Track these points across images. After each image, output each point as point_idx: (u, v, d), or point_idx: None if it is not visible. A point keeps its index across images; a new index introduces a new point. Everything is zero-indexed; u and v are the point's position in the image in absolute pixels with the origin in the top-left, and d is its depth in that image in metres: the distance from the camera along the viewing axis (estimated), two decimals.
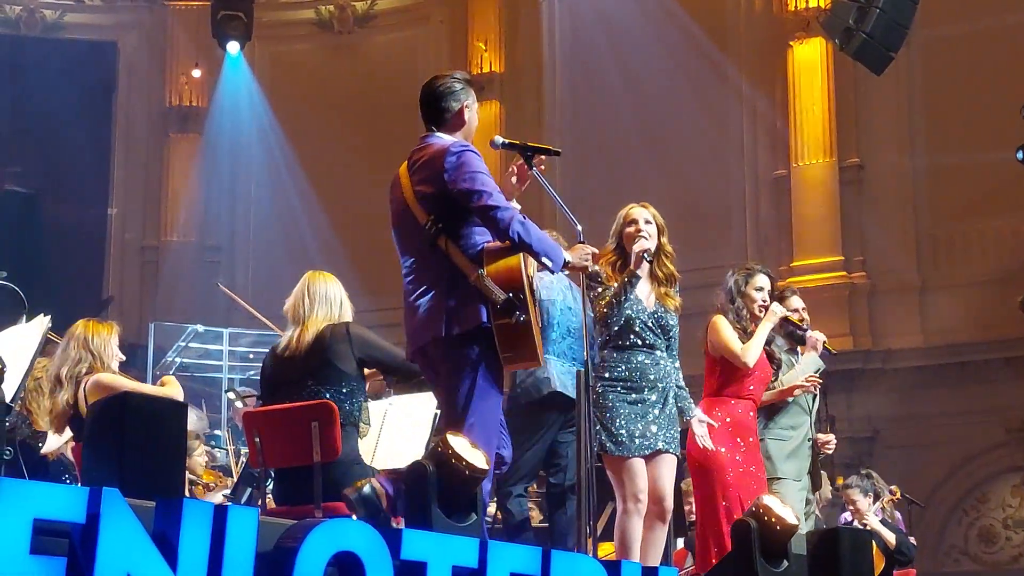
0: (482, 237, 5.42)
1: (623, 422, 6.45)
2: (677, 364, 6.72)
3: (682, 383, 6.76)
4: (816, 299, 16.43)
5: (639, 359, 6.57)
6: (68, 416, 6.61)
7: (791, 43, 17.84)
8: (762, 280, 7.34)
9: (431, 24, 20.43)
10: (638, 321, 6.56)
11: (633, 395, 6.50)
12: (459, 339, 5.33)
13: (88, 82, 20.12)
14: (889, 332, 16.99)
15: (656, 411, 6.54)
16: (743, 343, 7.14)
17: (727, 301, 7.27)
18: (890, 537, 10.44)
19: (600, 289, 6.54)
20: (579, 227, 5.79)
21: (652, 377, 6.57)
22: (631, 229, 6.64)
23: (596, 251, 5.88)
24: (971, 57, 16.82)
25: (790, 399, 7.64)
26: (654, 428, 6.51)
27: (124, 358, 7.02)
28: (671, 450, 6.59)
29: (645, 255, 6.52)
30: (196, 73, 20.19)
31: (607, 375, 6.54)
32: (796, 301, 7.70)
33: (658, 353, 6.62)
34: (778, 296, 7.67)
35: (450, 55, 19.86)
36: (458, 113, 5.65)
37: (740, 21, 18.36)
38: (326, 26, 20.68)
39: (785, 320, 7.48)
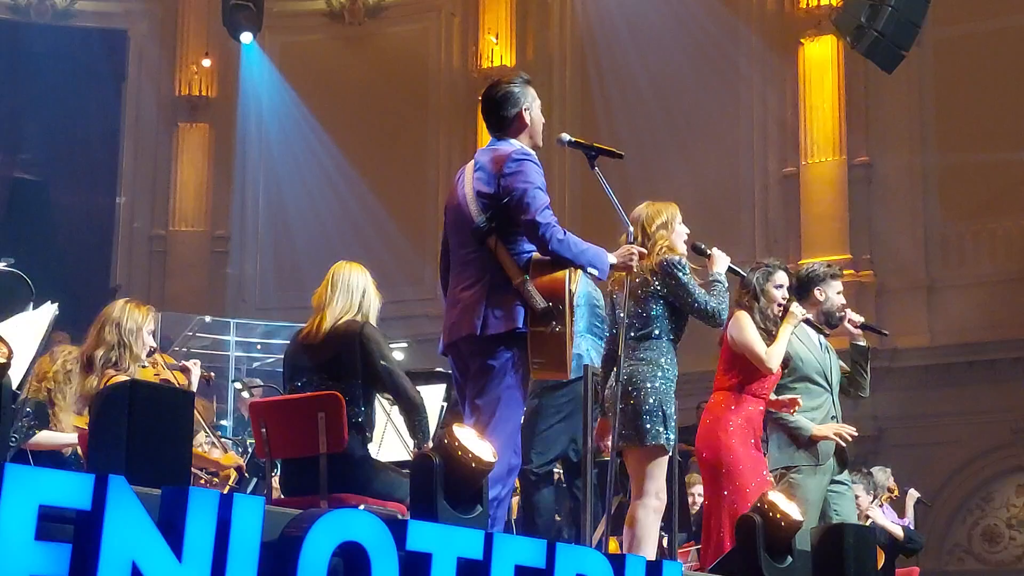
0: (531, 245, 5.44)
1: (675, 417, 6.46)
2: None
3: None
4: None
5: (675, 354, 6.61)
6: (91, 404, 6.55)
7: (802, 40, 17.83)
8: (781, 277, 7.27)
9: (442, 17, 20.42)
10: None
11: (672, 390, 6.50)
12: (493, 340, 5.35)
13: (98, 70, 20.15)
14: (896, 331, 16.93)
15: None
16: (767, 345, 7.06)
17: (751, 298, 7.19)
18: (895, 530, 10.49)
19: (685, 280, 6.49)
20: (631, 228, 5.90)
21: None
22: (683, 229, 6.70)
23: (644, 251, 5.91)
24: (982, 56, 16.80)
25: (809, 384, 7.47)
26: None
27: (156, 346, 6.94)
28: None
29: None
30: (206, 62, 20.20)
31: (662, 364, 6.48)
32: (781, 277, 7.43)
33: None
34: (767, 273, 7.49)
35: (461, 48, 19.87)
36: (518, 117, 5.65)
37: (752, 18, 18.35)
38: (337, 17, 20.68)
39: (806, 322, 7.40)
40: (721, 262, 6.70)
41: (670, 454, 6.43)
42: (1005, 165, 15.65)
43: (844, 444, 7.46)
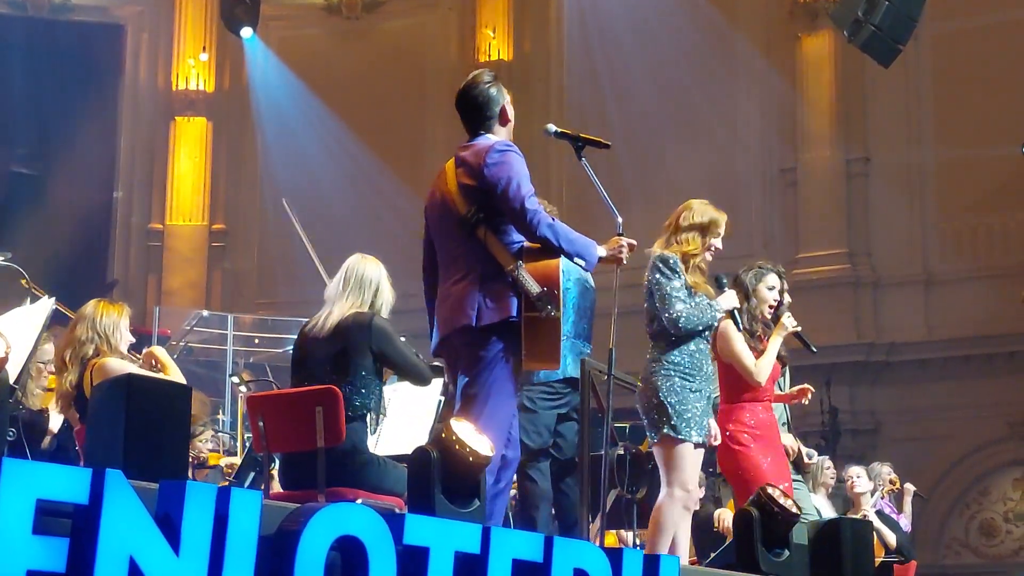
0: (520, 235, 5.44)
1: (690, 407, 6.43)
2: None
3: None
4: (821, 291, 16.45)
5: (700, 345, 6.57)
6: (72, 398, 6.57)
7: (800, 35, 17.82)
8: (773, 279, 7.24)
9: (440, 11, 20.39)
10: None
11: (693, 383, 6.48)
12: (487, 330, 5.34)
13: (95, 64, 20.13)
14: (893, 325, 16.99)
15: (706, 404, 6.56)
16: (754, 355, 7.04)
17: (742, 298, 7.17)
18: (890, 538, 10.36)
19: (674, 282, 6.47)
20: (620, 219, 5.86)
21: (706, 369, 6.58)
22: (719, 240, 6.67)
23: (633, 243, 5.82)
24: (979, 51, 16.80)
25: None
26: (706, 421, 6.53)
27: (134, 340, 6.95)
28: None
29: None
30: (203, 56, 20.18)
31: (668, 358, 6.49)
32: (773, 279, 7.40)
33: (706, 345, 6.64)
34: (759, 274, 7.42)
35: (459, 42, 19.84)
36: (502, 113, 5.67)
37: (749, 13, 18.33)
38: (334, 11, 20.65)
39: (796, 336, 7.36)
40: (727, 302, 6.70)
41: (686, 441, 6.39)
42: (1002, 160, 15.63)
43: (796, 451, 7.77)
